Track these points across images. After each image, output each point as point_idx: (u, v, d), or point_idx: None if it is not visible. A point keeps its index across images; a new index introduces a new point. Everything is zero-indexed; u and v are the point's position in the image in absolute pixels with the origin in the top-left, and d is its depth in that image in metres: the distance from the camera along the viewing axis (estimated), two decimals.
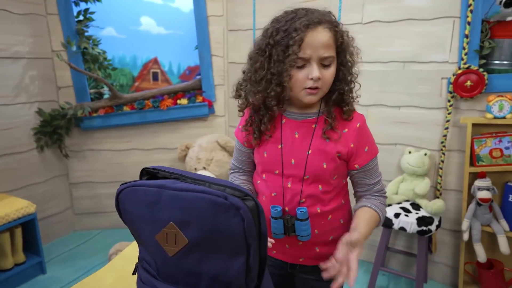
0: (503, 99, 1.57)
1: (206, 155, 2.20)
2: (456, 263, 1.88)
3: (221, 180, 0.66)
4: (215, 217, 0.58)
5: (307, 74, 0.82)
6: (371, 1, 1.86)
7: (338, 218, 0.94)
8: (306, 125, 0.90)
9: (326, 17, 0.83)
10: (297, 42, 0.78)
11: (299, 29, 0.79)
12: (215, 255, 0.60)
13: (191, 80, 2.65)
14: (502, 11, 1.59)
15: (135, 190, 0.63)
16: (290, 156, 0.89)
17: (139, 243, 0.69)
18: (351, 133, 0.88)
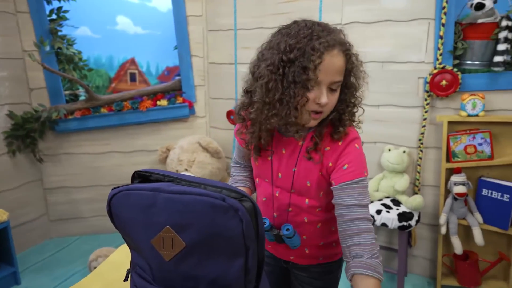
0: (475, 98, 1.64)
1: (188, 156, 2.18)
2: (434, 256, 1.95)
3: (217, 181, 0.66)
4: (213, 219, 0.57)
5: (315, 97, 0.77)
6: (350, 2, 1.90)
7: (329, 226, 0.93)
8: (294, 142, 0.87)
9: (341, 39, 0.80)
10: (316, 65, 0.74)
11: (318, 50, 0.74)
12: (213, 258, 0.59)
13: (170, 80, 2.61)
14: (473, 14, 1.66)
15: (128, 194, 0.61)
16: (278, 170, 0.90)
17: (132, 248, 0.68)
18: (332, 152, 0.84)
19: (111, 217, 0.65)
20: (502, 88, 1.66)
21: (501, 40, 1.58)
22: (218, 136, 2.42)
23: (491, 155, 1.67)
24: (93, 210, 2.48)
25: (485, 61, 1.70)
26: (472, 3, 1.65)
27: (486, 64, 1.69)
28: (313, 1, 1.97)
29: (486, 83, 1.68)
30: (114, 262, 1.04)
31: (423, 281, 1.98)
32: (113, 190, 0.63)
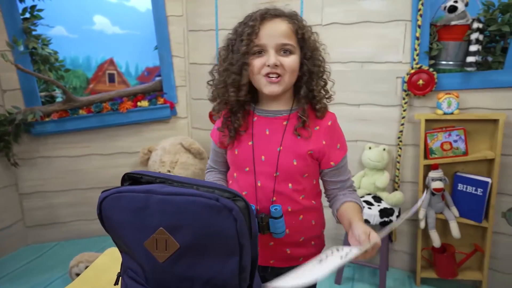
0: (450, 96, 1.71)
1: (170, 158, 2.16)
2: (413, 250, 2.01)
3: (208, 182, 0.66)
4: (207, 219, 0.58)
5: (265, 61, 0.85)
6: (330, 4, 1.93)
7: (309, 219, 0.95)
8: (277, 121, 0.91)
9: (286, 13, 0.88)
10: (253, 29, 0.83)
11: (255, 19, 0.84)
12: (208, 258, 0.60)
13: (150, 81, 2.58)
14: (447, 16, 1.73)
15: (120, 196, 0.61)
16: (260, 153, 0.90)
17: (123, 251, 0.67)
18: (323, 131, 0.91)
19: (102, 220, 0.64)
20: (475, 87, 1.73)
21: (473, 42, 1.66)
22: (201, 137, 2.41)
23: (466, 151, 1.75)
24: (72, 215, 2.42)
25: (458, 61, 1.77)
26: (445, 6, 1.71)
27: (459, 64, 1.77)
28: (293, 2, 1.99)
29: (459, 83, 1.75)
30: (100, 267, 1.02)
31: (403, 275, 2.05)
32: (104, 193, 0.62)
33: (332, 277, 2.01)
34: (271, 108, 0.93)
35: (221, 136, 0.95)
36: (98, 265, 1.03)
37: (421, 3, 1.71)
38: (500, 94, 1.71)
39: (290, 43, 0.85)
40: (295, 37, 0.86)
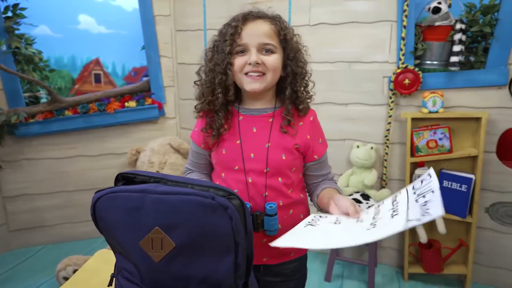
0: (435, 95, 1.75)
1: (159, 158, 2.14)
2: (401, 246, 2.05)
3: (203, 180, 0.66)
4: (202, 218, 0.58)
5: (247, 60, 0.87)
6: (318, 4, 1.96)
7: (298, 212, 0.97)
8: (263, 119, 0.94)
9: (269, 15, 0.91)
10: (235, 29, 0.85)
11: (237, 19, 0.87)
12: (204, 257, 0.60)
13: (137, 81, 2.55)
14: (431, 17, 1.77)
15: (114, 196, 0.60)
16: (249, 150, 0.92)
17: (117, 252, 0.67)
18: (306, 126, 0.95)
19: (95, 221, 0.64)
20: (458, 86, 1.78)
21: (456, 42, 1.70)
22: (189, 137, 2.39)
23: (450, 149, 1.79)
24: (58, 218, 2.37)
25: (442, 61, 1.81)
26: (429, 7, 1.76)
27: (443, 64, 1.81)
28: (281, 2, 2.00)
29: (444, 82, 1.79)
30: (90, 269, 1.00)
31: (391, 271, 2.08)
32: (98, 193, 0.62)
33: (322, 274, 2.03)
34: (255, 107, 0.95)
35: (205, 137, 0.95)
36: (89, 267, 1.01)
37: (406, 4, 1.75)
38: (482, 93, 1.76)
39: (272, 43, 0.87)
40: (277, 38, 0.89)
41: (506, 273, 1.91)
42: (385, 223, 0.68)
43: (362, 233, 0.68)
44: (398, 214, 0.68)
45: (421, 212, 0.64)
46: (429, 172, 0.74)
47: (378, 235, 0.63)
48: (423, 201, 0.67)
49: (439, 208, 0.62)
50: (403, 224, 0.63)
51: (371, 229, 0.67)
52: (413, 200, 0.71)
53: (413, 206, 0.68)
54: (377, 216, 0.73)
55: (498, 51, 1.69)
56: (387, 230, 0.63)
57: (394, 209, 0.72)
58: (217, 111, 0.91)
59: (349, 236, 0.69)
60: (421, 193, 0.71)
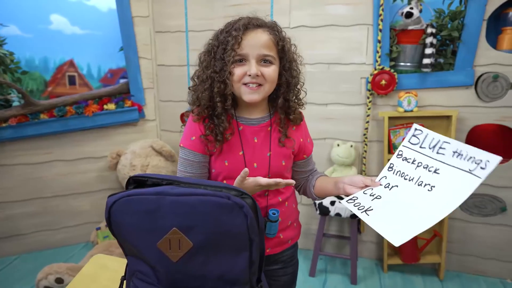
0: (410, 95, 1.85)
1: (141, 161, 2.12)
2: (380, 239, 2.15)
3: (213, 181, 0.69)
4: (219, 218, 0.60)
5: (246, 70, 0.87)
6: (298, 8, 2.01)
7: (291, 203, 1.04)
8: (263, 129, 0.95)
9: (268, 24, 0.92)
10: (236, 39, 0.85)
11: (238, 28, 0.87)
12: (220, 255, 0.62)
13: (114, 83, 2.50)
14: (404, 21, 1.87)
15: (130, 200, 0.61)
16: (252, 161, 0.93)
17: (130, 255, 0.67)
18: (299, 130, 1.00)
19: (110, 225, 0.64)
20: (430, 86, 1.89)
21: (428, 45, 1.81)
22: (171, 139, 2.38)
23: None
24: (34, 225, 2.28)
25: (415, 63, 1.92)
26: (402, 12, 1.86)
27: (415, 65, 1.92)
28: (262, 5, 2.04)
29: (417, 82, 1.90)
30: (88, 275, 0.99)
31: (371, 263, 2.18)
32: (112, 197, 0.63)
33: (306, 270, 2.09)
34: (253, 116, 0.96)
35: (206, 143, 0.91)
36: (86, 273, 1.00)
37: (382, 8, 1.84)
38: (452, 93, 1.88)
39: (271, 54, 0.88)
40: (276, 48, 0.90)
41: (474, 260, 2.05)
42: (443, 180, 0.74)
43: (439, 196, 0.73)
44: (441, 169, 0.76)
45: (470, 162, 0.72)
46: (415, 127, 0.82)
47: (466, 192, 0.70)
48: (450, 152, 0.76)
49: (491, 155, 0.69)
50: (473, 177, 0.71)
51: (435, 189, 0.74)
52: (433, 153, 0.78)
53: (446, 159, 0.76)
54: (409, 176, 0.80)
55: (464, 53, 1.82)
56: (470, 185, 0.70)
57: (425, 167, 0.79)
58: (218, 116, 0.90)
59: (432, 203, 0.73)
60: (434, 145, 0.79)
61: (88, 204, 2.36)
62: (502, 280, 2.02)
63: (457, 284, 1.99)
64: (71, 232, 2.36)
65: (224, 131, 0.91)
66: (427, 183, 0.77)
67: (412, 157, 0.82)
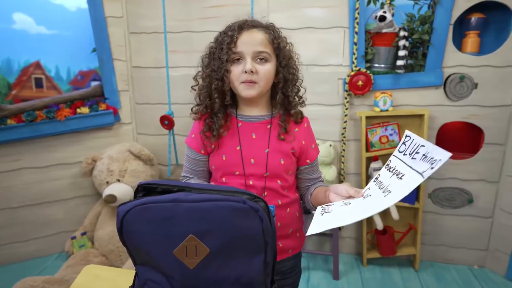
0: (385, 95, 1.93)
1: (119, 166, 2.05)
2: (358, 235, 2.23)
3: (223, 186, 0.69)
4: (236, 222, 0.61)
5: (242, 68, 0.91)
6: (276, 10, 2.04)
7: (294, 211, 1.04)
8: (262, 126, 0.98)
9: (263, 24, 0.96)
10: (231, 38, 0.89)
11: (234, 29, 0.91)
12: (236, 259, 0.63)
13: (84, 86, 2.41)
14: (378, 24, 1.95)
15: (144, 208, 0.60)
16: (249, 156, 0.95)
17: (141, 264, 0.66)
18: (302, 132, 1.01)
19: (121, 235, 0.62)
20: (404, 86, 1.99)
21: (401, 47, 1.90)
22: (148, 143, 2.33)
23: None
24: (1, 238, 2.14)
25: (388, 64, 2.01)
26: (376, 15, 1.93)
27: (389, 67, 2.01)
28: (240, 7, 2.05)
29: (391, 83, 1.99)
30: (81, 287, 0.96)
31: (351, 258, 2.25)
32: (125, 206, 0.61)
33: None
34: (253, 114, 0.99)
35: (204, 140, 0.98)
36: (79, 285, 0.96)
37: (357, 12, 1.91)
38: (423, 93, 1.99)
39: (266, 51, 0.92)
40: (271, 46, 0.94)
41: (446, 249, 2.18)
42: (399, 184, 0.71)
43: (383, 199, 0.71)
44: (405, 174, 0.72)
45: (427, 163, 0.67)
46: (406, 134, 0.79)
47: (401, 193, 0.67)
48: (420, 156, 0.71)
49: (442, 152, 0.65)
50: (419, 177, 0.67)
51: (389, 194, 0.71)
52: (408, 159, 0.74)
53: (414, 163, 0.72)
54: (383, 185, 0.77)
55: (434, 56, 1.93)
56: (408, 186, 0.67)
57: (396, 174, 0.76)
58: (216, 113, 0.94)
59: (372, 205, 0.71)
60: (412, 151, 0.74)
61: (61, 213, 2.25)
62: (470, 267, 2.17)
63: (431, 273, 2.10)
64: (43, 243, 2.24)
65: (220, 127, 0.95)
66: (388, 189, 0.74)
67: (394, 166, 0.79)
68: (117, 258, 2.03)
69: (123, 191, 1.99)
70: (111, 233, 2.04)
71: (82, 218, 2.26)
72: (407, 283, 2.01)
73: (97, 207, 2.23)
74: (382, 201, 0.71)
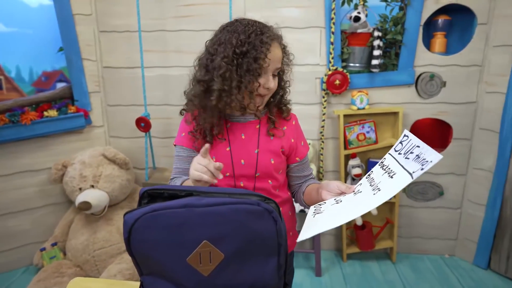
0: (362, 94, 1.98)
1: (93, 171, 1.95)
2: (338, 231, 2.27)
3: (232, 188, 0.67)
4: (250, 225, 0.59)
5: (264, 83, 0.89)
6: (252, 9, 2.03)
7: (287, 210, 1.04)
8: (251, 126, 0.97)
9: (278, 34, 0.95)
10: (266, 55, 0.86)
11: (266, 43, 0.86)
12: (251, 263, 0.61)
13: (49, 87, 2.27)
14: (353, 25, 2.00)
15: (155, 215, 0.57)
16: (239, 157, 0.94)
17: (150, 274, 0.62)
18: (290, 130, 1.01)
19: (129, 244, 0.59)
20: (379, 85, 2.05)
21: (375, 47, 1.96)
22: (122, 146, 2.23)
23: (376, 140, 2.06)
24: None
25: (363, 63, 2.06)
26: (351, 16, 1.98)
27: (364, 66, 2.06)
28: (216, 6, 2.02)
29: (367, 82, 2.05)
30: None
31: (331, 254, 2.29)
32: (132, 214, 0.57)
33: None
34: (242, 114, 0.97)
35: (194, 141, 0.95)
36: None
37: (334, 12, 1.94)
38: (397, 91, 2.06)
39: (281, 67, 0.93)
40: (282, 61, 0.94)
41: (420, 241, 2.28)
42: (389, 183, 0.71)
43: (372, 197, 0.71)
44: (396, 173, 0.73)
45: (419, 163, 0.68)
46: (405, 133, 0.79)
47: (389, 193, 0.67)
48: (414, 156, 0.71)
49: (434, 154, 0.66)
50: (408, 177, 0.68)
51: (378, 193, 0.71)
52: (402, 158, 0.75)
53: (406, 162, 0.73)
54: (374, 182, 0.78)
55: (406, 55, 2.01)
56: (396, 186, 0.67)
57: (388, 172, 0.76)
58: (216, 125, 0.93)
59: (361, 204, 0.71)
60: (407, 151, 0.75)
61: (28, 223, 2.10)
62: (442, 256, 2.28)
63: (407, 265, 2.19)
64: (8, 256, 2.09)
65: (218, 134, 0.93)
66: (378, 187, 0.75)
67: (388, 164, 0.80)
68: (93, 268, 1.93)
69: (98, 197, 1.90)
70: (86, 242, 1.93)
71: (52, 228, 2.13)
72: (386, 276, 2.08)
73: (69, 215, 2.11)
74: (371, 199, 0.71)
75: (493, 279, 2.04)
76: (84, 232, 1.97)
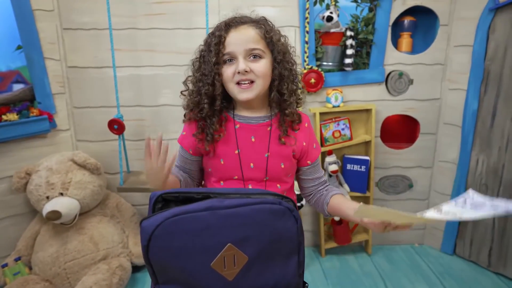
0: (337, 92, 2.03)
1: (61, 178, 1.82)
2: (315, 227, 2.31)
3: (246, 188, 0.65)
4: (273, 224, 0.58)
5: (235, 69, 0.86)
6: (226, 7, 2.00)
7: None
8: (262, 128, 0.93)
9: (253, 19, 0.93)
10: (219, 39, 0.85)
11: (220, 28, 0.87)
12: (273, 263, 0.60)
13: (5, 89, 2.09)
14: (326, 24, 2.04)
15: (177, 220, 0.54)
16: (248, 160, 0.90)
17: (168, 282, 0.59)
18: (302, 133, 0.97)
19: (147, 252, 0.55)
20: (352, 83, 2.11)
21: (348, 46, 2.01)
22: (91, 150, 2.10)
23: (351, 137, 2.12)
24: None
25: (336, 62, 2.11)
26: (323, 16, 2.02)
27: (336, 65, 2.11)
28: (188, 3, 1.97)
29: (341, 80, 2.10)
30: None
31: (309, 250, 2.32)
32: (152, 221, 0.54)
33: None
34: (251, 115, 0.93)
35: (196, 142, 0.92)
36: None
37: (308, 12, 1.97)
38: (368, 89, 2.14)
39: (258, 47, 0.87)
40: (264, 41, 0.89)
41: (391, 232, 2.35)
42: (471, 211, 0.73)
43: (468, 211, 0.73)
44: None
45: None
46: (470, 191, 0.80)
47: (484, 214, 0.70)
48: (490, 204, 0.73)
49: None
50: None
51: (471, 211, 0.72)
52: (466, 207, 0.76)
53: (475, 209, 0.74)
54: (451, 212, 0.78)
55: (377, 54, 2.08)
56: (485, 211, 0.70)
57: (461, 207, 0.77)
58: (209, 117, 0.88)
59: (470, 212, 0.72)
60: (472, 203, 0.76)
61: None
62: (412, 245, 2.40)
63: (381, 255, 2.28)
64: None
65: (214, 132, 0.89)
66: None
67: None
68: (65, 281, 1.81)
69: (68, 206, 1.78)
70: (55, 254, 1.81)
71: (14, 242, 1.96)
72: (363, 268, 2.15)
73: (33, 227, 1.96)
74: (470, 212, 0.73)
75: (459, 264, 2.19)
76: (53, 244, 1.84)
